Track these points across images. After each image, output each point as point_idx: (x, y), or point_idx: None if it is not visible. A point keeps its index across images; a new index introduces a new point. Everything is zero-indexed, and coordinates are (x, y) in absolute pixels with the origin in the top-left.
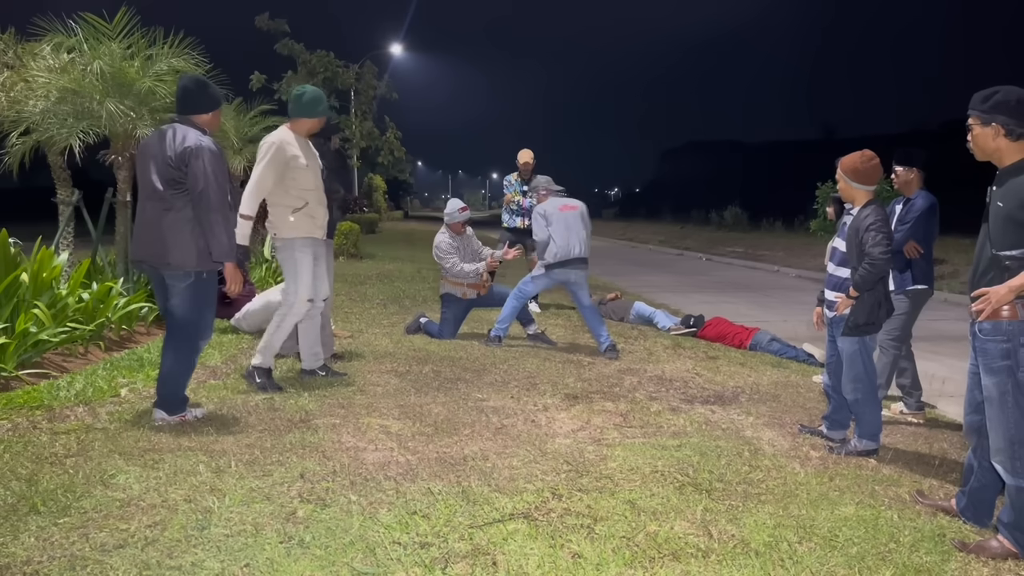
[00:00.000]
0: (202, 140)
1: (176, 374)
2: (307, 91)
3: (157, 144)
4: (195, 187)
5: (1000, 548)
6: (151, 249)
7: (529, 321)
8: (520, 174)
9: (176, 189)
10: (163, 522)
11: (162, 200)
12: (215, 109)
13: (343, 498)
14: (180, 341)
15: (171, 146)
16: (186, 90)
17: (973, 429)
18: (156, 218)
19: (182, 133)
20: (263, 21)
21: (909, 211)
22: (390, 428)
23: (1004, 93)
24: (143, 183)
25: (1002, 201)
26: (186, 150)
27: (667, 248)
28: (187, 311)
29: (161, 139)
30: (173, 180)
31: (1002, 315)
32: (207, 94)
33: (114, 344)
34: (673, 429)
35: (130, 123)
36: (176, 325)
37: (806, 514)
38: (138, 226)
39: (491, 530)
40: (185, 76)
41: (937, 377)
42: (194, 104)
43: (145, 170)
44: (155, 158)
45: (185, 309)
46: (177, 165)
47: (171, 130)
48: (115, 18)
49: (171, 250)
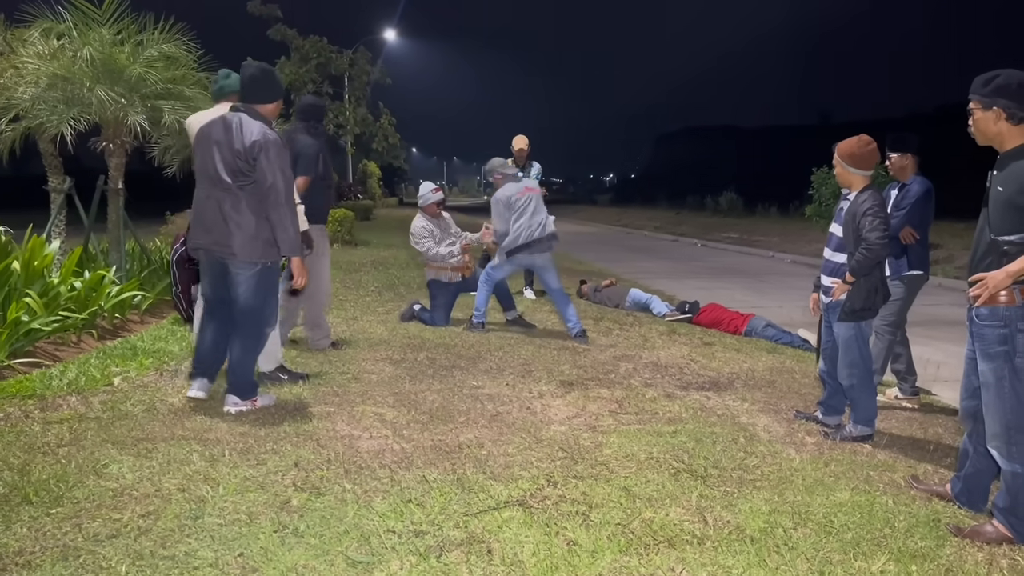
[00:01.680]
0: (268, 134)
1: (245, 361)
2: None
3: (222, 133)
4: (264, 182)
5: (995, 533)
6: (214, 237)
7: (509, 306)
8: (515, 160)
9: (242, 180)
10: (156, 512)
11: (227, 191)
12: (279, 99)
13: (337, 487)
14: (247, 328)
15: (238, 138)
16: (253, 78)
17: (969, 414)
18: (220, 207)
19: (248, 126)
20: (255, 7)
21: (905, 196)
22: (385, 416)
23: (1005, 77)
24: (204, 170)
25: (1002, 186)
26: (254, 144)
27: (662, 234)
28: (252, 299)
29: (227, 129)
30: (240, 172)
31: (1000, 300)
32: (273, 83)
33: (107, 333)
34: (668, 415)
35: (121, 110)
36: (242, 313)
37: (801, 500)
38: (199, 212)
39: (486, 517)
40: (250, 63)
41: (932, 362)
42: (260, 93)
43: (208, 157)
44: (220, 147)
45: (250, 297)
46: (245, 158)
47: (236, 119)
48: (104, 3)
49: (238, 240)
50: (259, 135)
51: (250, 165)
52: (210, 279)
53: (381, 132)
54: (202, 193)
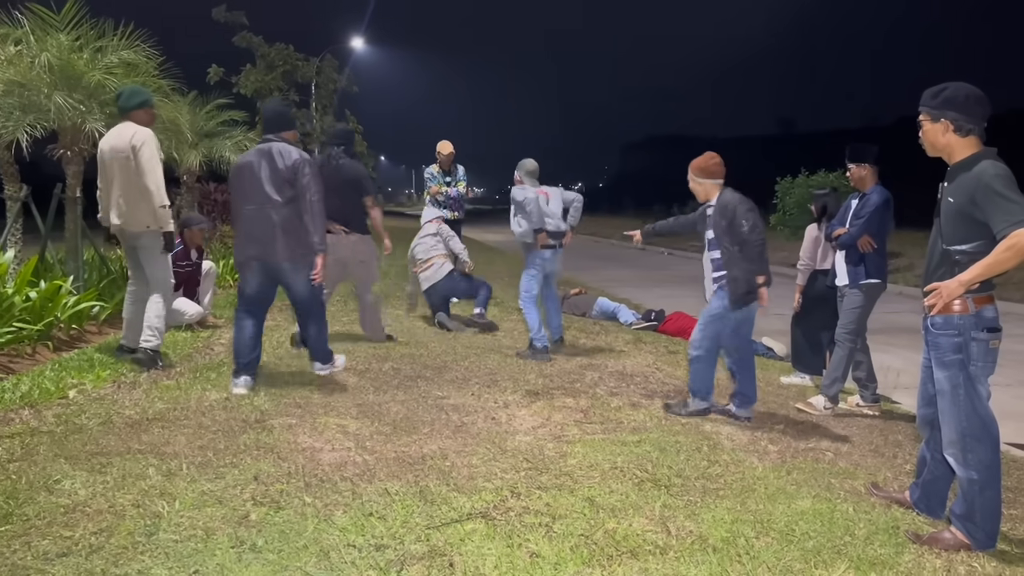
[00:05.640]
0: (303, 154)
1: (320, 336)
2: (126, 88)
3: (266, 161)
4: (308, 196)
5: (953, 539)
6: (266, 247)
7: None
8: (441, 165)
9: (288, 195)
10: (109, 528)
11: (276, 206)
12: (295, 128)
13: (297, 500)
14: (312, 311)
15: (280, 161)
16: (277, 113)
17: (926, 422)
18: (272, 222)
19: (286, 150)
20: (221, 13)
21: (864, 206)
22: (348, 427)
23: (953, 89)
24: (251, 193)
25: (952, 196)
26: (295, 164)
27: (630, 243)
28: (307, 289)
29: (268, 156)
30: (285, 188)
31: (953, 309)
32: (290, 117)
33: (64, 344)
34: (633, 424)
35: (79, 117)
36: (303, 302)
37: (763, 508)
38: (248, 229)
39: (448, 530)
40: (273, 101)
41: (893, 369)
42: (284, 124)
43: (255, 182)
44: (266, 172)
45: (305, 288)
46: (289, 178)
47: (272, 148)
48: (63, 10)
49: (294, 247)
50: (297, 156)
51: (293, 181)
52: (256, 282)
53: None
54: (251, 212)
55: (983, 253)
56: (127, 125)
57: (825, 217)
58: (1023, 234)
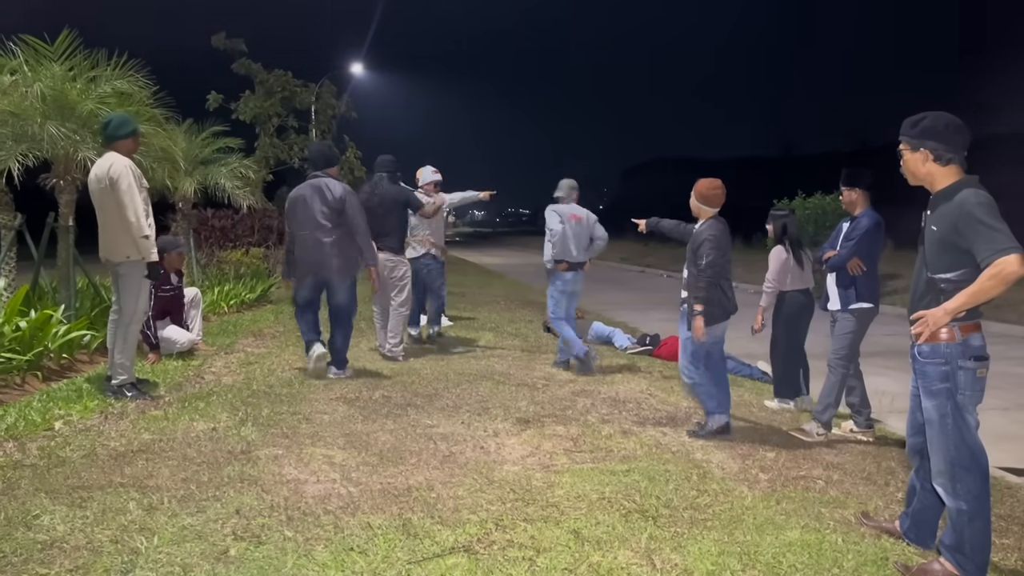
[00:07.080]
0: (347, 188)
1: (344, 345)
2: (114, 117)
3: (317, 194)
4: (355, 222)
5: (942, 571)
6: (319, 264)
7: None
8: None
9: (337, 222)
10: (85, 566)
11: (326, 232)
12: (338, 164)
13: (279, 534)
14: (344, 322)
15: (329, 194)
16: (322, 153)
17: (915, 451)
18: (323, 244)
19: (333, 185)
20: (220, 40)
21: (854, 229)
22: (334, 458)
23: (932, 119)
24: (304, 220)
25: (936, 225)
26: (342, 197)
27: (629, 265)
28: (347, 301)
29: (319, 190)
30: (334, 216)
31: (940, 338)
32: (334, 154)
33: (54, 374)
34: (623, 453)
35: (72, 146)
36: (341, 312)
37: (751, 540)
38: (304, 251)
39: (430, 565)
40: (317, 143)
41: (888, 393)
42: (329, 161)
43: (308, 211)
44: (318, 203)
45: (349, 299)
46: (337, 208)
47: (321, 183)
48: (57, 40)
49: (343, 263)
50: (342, 190)
51: (341, 211)
52: (308, 291)
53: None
54: (306, 237)
55: (968, 281)
56: (108, 156)
57: (786, 237)
58: (1006, 262)
